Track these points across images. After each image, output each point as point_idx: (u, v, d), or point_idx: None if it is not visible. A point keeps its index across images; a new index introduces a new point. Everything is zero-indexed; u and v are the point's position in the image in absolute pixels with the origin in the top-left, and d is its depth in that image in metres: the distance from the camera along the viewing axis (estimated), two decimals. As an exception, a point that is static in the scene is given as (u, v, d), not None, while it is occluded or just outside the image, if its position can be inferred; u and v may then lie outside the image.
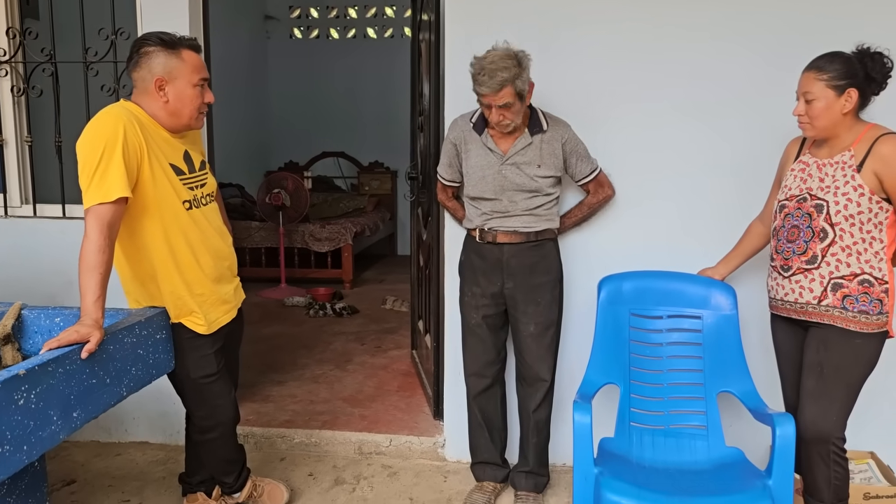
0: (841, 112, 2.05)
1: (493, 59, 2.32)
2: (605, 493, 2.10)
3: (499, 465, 2.77)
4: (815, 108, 2.07)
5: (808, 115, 2.09)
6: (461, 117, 2.64)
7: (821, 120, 2.07)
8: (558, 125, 2.55)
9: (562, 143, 2.53)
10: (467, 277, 2.69)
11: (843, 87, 2.03)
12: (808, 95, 2.07)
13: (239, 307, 2.41)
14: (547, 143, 2.52)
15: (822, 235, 2.09)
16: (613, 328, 2.57)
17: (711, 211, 2.77)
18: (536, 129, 2.51)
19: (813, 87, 2.06)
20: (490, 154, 2.53)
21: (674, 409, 2.49)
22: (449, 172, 2.70)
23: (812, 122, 2.10)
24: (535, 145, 2.51)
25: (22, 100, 3.17)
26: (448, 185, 2.75)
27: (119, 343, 1.96)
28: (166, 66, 2.08)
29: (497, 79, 2.29)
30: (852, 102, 2.04)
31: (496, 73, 2.29)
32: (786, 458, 2.07)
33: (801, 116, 2.12)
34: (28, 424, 1.64)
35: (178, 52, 2.10)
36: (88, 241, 1.91)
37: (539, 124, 2.51)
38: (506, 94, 2.33)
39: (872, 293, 2.07)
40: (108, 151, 1.94)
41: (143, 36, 2.14)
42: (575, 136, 2.56)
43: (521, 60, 2.35)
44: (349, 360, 4.20)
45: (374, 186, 8.04)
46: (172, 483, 2.81)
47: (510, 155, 2.51)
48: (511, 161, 2.51)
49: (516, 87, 2.33)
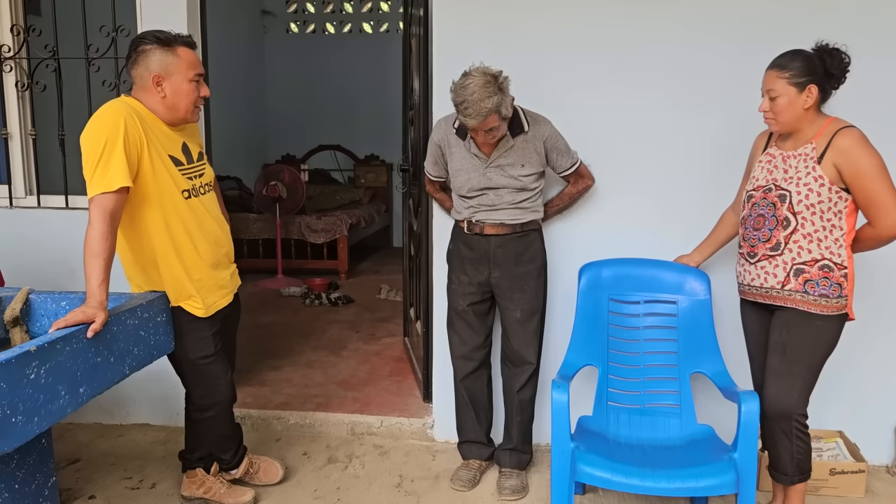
0: (802, 107, 2.17)
1: (474, 89, 2.34)
2: (581, 466, 2.23)
3: (484, 443, 2.90)
4: (778, 105, 2.18)
5: (772, 111, 2.21)
6: (444, 119, 2.73)
7: (784, 115, 2.19)
8: (538, 124, 2.63)
9: (543, 140, 2.62)
10: (455, 266, 2.81)
11: (803, 83, 2.15)
12: (771, 93, 2.19)
13: (235, 292, 2.53)
14: (529, 143, 2.61)
15: (785, 224, 2.21)
16: (593, 313, 2.69)
17: (690, 201, 2.88)
18: (518, 131, 2.59)
19: (775, 85, 2.17)
20: (474, 158, 2.63)
21: (649, 389, 2.61)
22: (435, 169, 2.82)
23: (776, 118, 2.21)
24: (518, 146, 2.60)
25: (26, 94, 3.28)
26: (435, 180, 2.87)
27: (122, 324, 2.08)
28: (163, 63, 2.20)
29: (482, 111, 2.35)
30: (813, 98, 2.16)
31: (480, 105, 2.34)
32: (750, 432, 2.19)
33: (765, 112, 2.24)
34: (38, 398, 1.76)
35: (173, 49, 2.22)
36: (92, 228, 2.03)
37: (520, 125, 2.59)
38: (491, 120, 2.41)
39: (832, 278, 2.19)
40: (109, 144, 2.06)
41: (141, 35, 2.26)
42: (555, 132, 2.66)
43: (502, 84, 2.38)
44: (343, 347, 4.33)
45: (369, 179, 8.15)
46: (173, 462, 2.93)
47: (494, 159, 2.60)
48: (495, 164, 2.61)
49: (500, 112, 2.40)
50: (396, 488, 2.79)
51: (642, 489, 2.18)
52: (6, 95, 3.26)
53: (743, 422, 2.21)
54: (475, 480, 2.81)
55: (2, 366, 1.65)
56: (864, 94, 2.58)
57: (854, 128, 2.16)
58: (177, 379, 2.52)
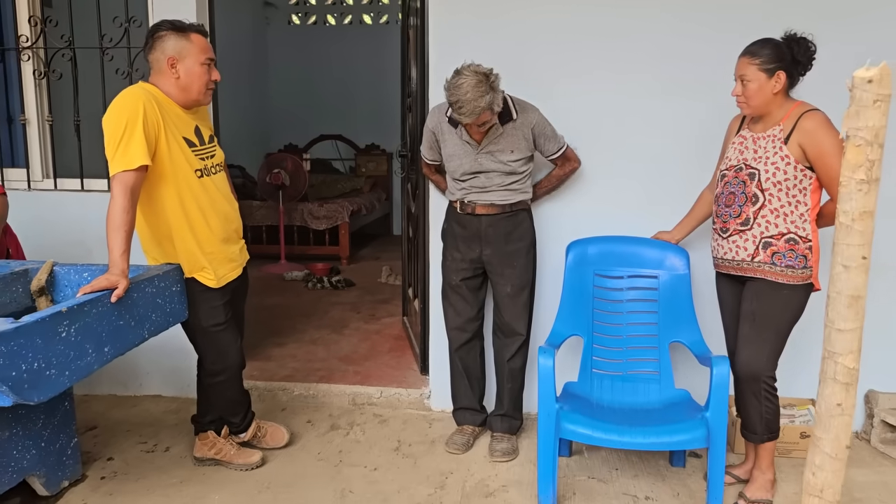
0: (771, 92, 2.34)
1: (467, 89, 2.50)
2: (565, 424, 2.41)
3: (477, 410, 3.08)
4: (749, 89, 2.35)
5: (743, 95, 2.38)
6: (437, 108, 2.89)
7: (754, 99, 2.36)
8: (526, 111, 2.79)
9: (531, 127, 2.78)
10: (449, 243, 2.99)
11: (772, 69, 2.32)
12: (743, 78, 2.36)
13: (244, 266, 2.71)
14: (517, 130, 2.77)
15: (754, 200, 2.39)
16: (579, 287, 2.87)
17: (674, 183, 3.02)
18: (507, 119, 2.75)
19: (747, 71, 2.34)
20: (465, 145, 2.80)
21: (631, 358, 2.79)
22: (430, 153, 2.99)
23: (747, 102, 2.38)
24: (507, 133, 2.77)
25: (43, 82, 3.45)
26: (430, 163, 3.05)
27: (141, 292, 2.26)
28: (177, 47, 2.38)
29: (475, 111, 2.53)
30: (781, 83, 2.33)
31: (473, 105, 2.51)
32: (721, 392, 2.36)
33: (738, 97, 2.41)
34: (69, 354, 1.95)
35: (187, 34, 2.40)
36: (115, 203, 2.21)
37: (509, 113, 2.75)
38: (483, 117, 2.59)
39: (798, 250, 2.36)
40: (130, 125, 2.24)
41: (157, 23, 2.44)
42: (542, 119, 2.82)
43: (493, 83, 2.55)
44: (345, 326, 4.51)
45: (370, 168, 8.31)
46: (185, 428, 3.12)
47: (484, 145, 2.77)
48: (486, 150, 2.78)
49: (492, 109, 2.59)
50: (395, 452, 2.97)
51: (620, 444, 2.36)
52: (24, 83, 3.43)
53: (714, 383, 2.38)
54: (469, 444, 2.99)
55: (37, 324, 1.83)
56: (831, 79, 2.73)
57: (818, 111, 2.33)
58: (187, 352, 2.69)
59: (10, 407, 2.19)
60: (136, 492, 2.64)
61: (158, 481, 2.72)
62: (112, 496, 2.61)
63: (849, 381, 1.04)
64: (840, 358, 1.04)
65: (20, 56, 3.40)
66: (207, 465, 2.80)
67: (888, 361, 3.03)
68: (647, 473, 2.78)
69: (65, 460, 2.62)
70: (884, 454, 2.95)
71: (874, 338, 2.92)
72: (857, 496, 2.61)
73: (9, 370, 1.75)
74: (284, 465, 2.84)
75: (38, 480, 2.51)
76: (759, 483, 2.55)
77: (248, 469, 2.77)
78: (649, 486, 2.69)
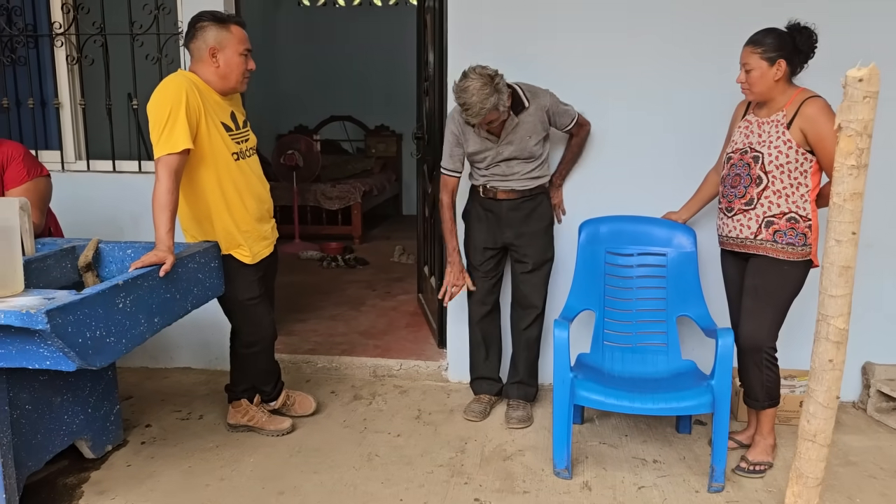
0: (773, 79, 2.47)
1: (473, 92, 2.66)
2: (579, 391, 2.58)
3: (494, 380, 3.25)
4: (752, 77, 2.49)
5: (747, 82, 2.52)
6: (456, 110, 2.92)
7: (757, 86, 2.50)
8: (538, 96, 2.92)
9: (545, 110, 2.93)
10: (472, 224, 3.14)
11: (774, 58, 2.45)
12: (746, 66, 2.50)
13: (274, 243, 2.87)
14: (532, 116, 2.91)
15: (758, 181, 2.53)
16: (591, 264, 3.02)
17: (681, 164, 3.16)
18: (520, 108, 2.89)
19: (750, 59, 2.48)
20: (486, 140, 2.95)
21: (640, 331, 2.95)
22: (451, 163, 3.02)
23: (751, 89, 2.52)
24: (522, 122, 2.91)
25: (75, 68, 3.59)
26: (451, 175, 3.02)
27: (185, 267, 2.43)
28: (217, 38, 2.52)
29: (481, 112, 2.69)
30: (782, 71, 2.46)
31: (479, 107, 2.67)
32: (726, 362, 2.52)
33: (742, 83, 2.55)
34: (125, 323, 2.11)
35: (227, 26, 2.54)
36: (160, 184, 2.36)
37: (521, 103, 2.89)
38: (490, 117, 2.75)
39: (798, 228, 2.51)
40: (174, 111, 2.38)
41: (198, 14, 2.58)
42: (555, 99, 2.96)
43: (498, 85, 2.69)
44: (362, 303, 4.68)
45: (380, 149, 8.43)
46: (216, 398, 3.30)
47: (504, 137, 2.92)
48: (506, 141, 2.93)
49: (498, 109, 2.74)
50: (416, 420, 3.15)
51: (631, 409, 2.53)
52: (58, 68, 3.58)
53: (719, 354, 2.54)
54: (486, 412, 3.17)
55: (99, 295, 2.00)
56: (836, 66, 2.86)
57: (819, 97, 2.46)
58: (216, 326, 2.85)
59: (61, 374, 2.39)
60: (176, 455, 2.82)
61: (195, 446, 2.90)
62: (154, 459, 2.79)
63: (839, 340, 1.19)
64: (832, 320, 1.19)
65: (53, 42, 3.54)
66: (241, 431, 2.98)
67: (885, 335, 3.19)
68: (654, 439, 2.95)
69: (108, 426, 2.80)
70: (879, 422, 3.12)
71: (871, 312, 3.10)
72: (853, 459, 2.78)
73: (76, 337, 1.91)
74: (313, 432, 3.02)
75: (86, 444, 2.69)
76: (760, 447, 2.72)
77: (279, 435, 2.95)
78: (657, 450, 2.86)
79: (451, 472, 2.69)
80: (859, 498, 2.53)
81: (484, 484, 2.61)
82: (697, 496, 2.53)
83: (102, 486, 2.59)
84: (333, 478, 2.65)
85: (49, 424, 2.47)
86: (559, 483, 2.62)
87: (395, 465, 2.75)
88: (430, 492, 2.56)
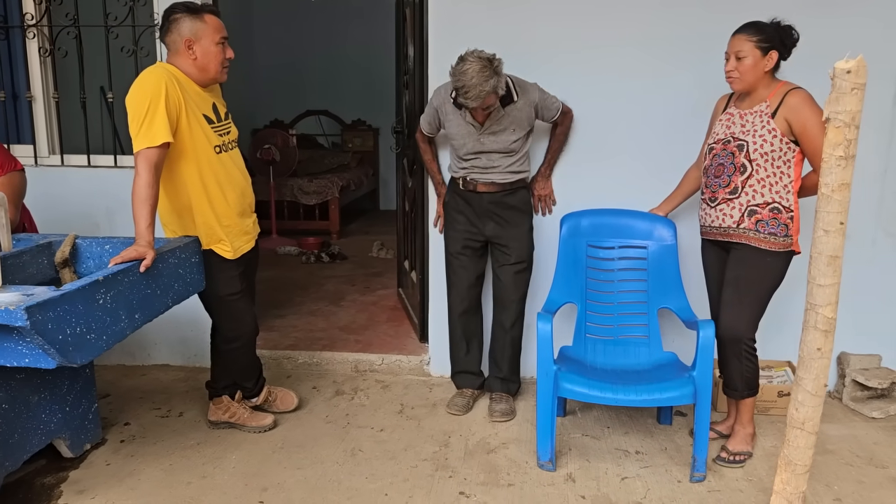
0: (763, 70, 2.49)
1: (472, 75, 2.62)
2: (562, 384, 2.59)
3: (476, 374, 3.26)
4: (744, 65, 2.49)
5: (737, 70, 2.52)
6: (444, 87, 2.99)
7: (748, 75, 2.51)
8: (527, 91, 2.92)
9: (534, 105, 2.93)
10: (452, 216, 3.13)
11: (767, 48, 2.47)
12: (739, 53, 2.49)
13: (255, 238, 2.84)
14: (519, 110, 2.91)
15: (742, 170, 2.55)
16: (573, 257, 3.04)
17: (662, 157, 3.18)
18: (508, 101, 2.88)
19: (744, 47, 2.48)
20: (469, 126, 2.93)
21: (622, 323, 2.98)
22: (428, 127, 3.13)
23: (741, 77, 2.51)
24: (508, 115, 2.90)
25: (48, 60, 3.52)
26: (426, 134, 3.19)
27: (165, 262, 2.39)
28: (192, 29, 2.49)
29: (481, 94, 2.66)
30: (773, 62, 2.49)
31: (479, 90, 2.64)
32: (706, 353, 2.55)
33: (731, 72, 2.53)
34: (106, 319, 2.08)
35: (201, 16, 2.51)
36: (139, 178, 2.32)
37: (510, 96, 2.88)
38: (488, 100, 2.73)
39: (780, 219, 2.54)
40: (153, 104, 2.35)
41: (171, 6, 2.54)
42: (542, 93, 2.96)
43: (497, 68, 2.67)
44: (342, 298, 4.65)
45: (357, 144, 8.39)
46: (196, 395, 3.26)
47: (487, 126, 2.90)
48: (488, 132, 2.91)
49: (497, 93, 2.73)
50: (399, 414, 3.14)
51: (614, 401, 2.55)
52: (30, 61, 3.50)
53: (700, 345, 2.57)
54: (469, 406, 3.17)
55: (79, 291, 1.96)
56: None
57: (802, 89, 2.50)
58: (194, 323, 2.81)
59: (38, 372, 2.34)
60: (157, 453, 2.78)
61: (176, 443, 2.86)
62: (133, 457, 2.76)
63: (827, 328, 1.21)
64: (820, 309, 1.20)
65: (25, 34, 3.46)
66: (222, 427, 2.95)
67: (859, 325, 3.25)
68: (636, 431, 2.98)
69: (87, 424, 2.76)
70: (854, 411, 3.18)
71: (846, 303, 3.14)
72: (829, 448, 2.83)
73: (56, 334, 1.87)
74: (295, 428, 3.00)
75: (64, 443, 2.65)
76: (739, 437, 2.76)
77: (261, 431, 2.93)
78: (639, 441, 2.89)
79: (436, 466, 2.69)
80: (837, 485, 2.57)
81: (468, 477, 2.62)
82: (680, 486, 2.56)
83: (81, 486, 2.55)
84: (317, 473, 2.64)
85: (26, 423, 2.43)
86: (543, 475, 2.63)
87: (379, 459, 2.74)
88: (414, 486, 2.56)
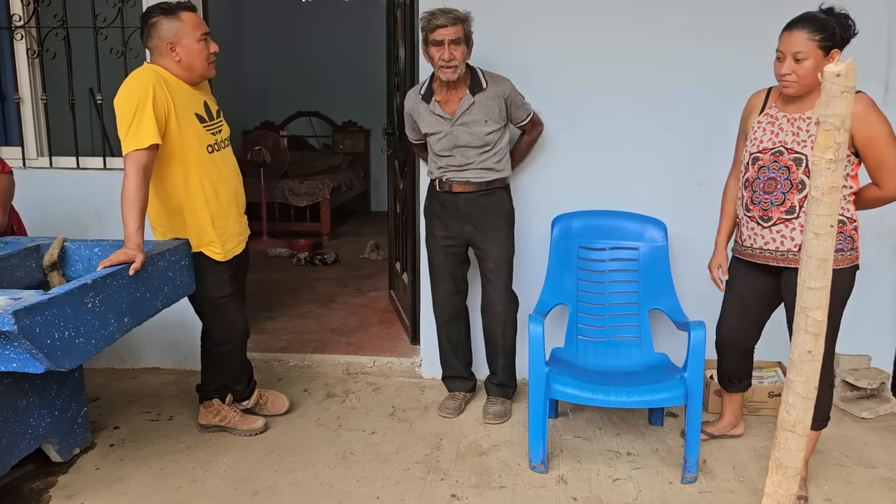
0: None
1: (444, 6, 2.78)
2: (554, 385, 2.59)
3: (466, 378, 3.25)
4: (804, 67, 2.17)
5: (795, 73, 2.19)
6: (413, 90, 3.02)
7: (808, 79, 2.18)
8: (498, 82, 2.90)
9: (504, 97, 2.90)
10: (431, 221, 3.12)
11: (829, 48, 2.17)
12: (799, 55, 2.16)
13: (246, 240, 2.83)
14: (490, 100, 2.88)
15: (800, 187, 2.27)
16: (564, 258, 3.04)
17: (653, 156, 3.19)
18: (477, 89, 2.87)
19: (805, 47, 2.15)
20: (440, 119, 2.92)
21: (613, 324, 2.98)
22: (413, 134, 3.12)
23: (799, 81, 2.19)
24: (479, 103, 2.88)
25: (36, 62, 3.49)
26: (416, 142, 3.17)
27: (155, 265, 2.38)
28: (171, 29, 2.48)
29: (452, 14, 2.74)
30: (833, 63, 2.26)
31: (451, 11, 2.74)
32: (698, 355, 2.55)
33: (787, 75, 2.21)
34: (94, 323, 2.06)
35: (177, 15, 2.50)
36: (128, 180, 2.31)
37: (479, 83, 2.88)
38: (458, 30, 2.74)
39: (846, 231, 2.29)
40: (140, 106, 2.33)
41: (147, 10, 2.54)
42: (514, 89, 2.93)
43: (468, 18, 2.79)
44: (333, 300, 4.64)
45: (347, 145, 8.37)
46: (186, 398, 3.25)
47: (457, 116, 2.89)
48: (460, 122, 2.89)
49: (465, 27, 2.77)
50: (390, 416, 3.13)
51: (606, 402, 2.55)
52: (18, 62, 3.47)
53: (692, 346, 2.57)
54: (460, 409, 3.16)
55: (68, 295, 1.95)
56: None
57: (864, 93, 2.19)
58: (184, 326, 2.79)
59: (26, 377, 2.32)
60: (147, 457, 2.77)
61: (166, 447, 2.84)
62: (123, 461, 2.74)
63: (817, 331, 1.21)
64: (811, 312, 1.21)
65: (13, 35, 3.43)
66: (212, 431, 2.94)
67: (848, 326, 3.24)
68: (628, 432, 2.98)
69: (76, 428, 2.74)
70: (844, 411, 3.19)
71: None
72: (819, 448, 2.83)
73: (44, 338, 1.86)
74: (286, 431, 2.99)
75: (53, 447, 2.63)
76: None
77: (252, 434, 2.91)
78: (630, 443, 2.89)
79: (428, 469, 2.69)
80: (827, 485, 2.58)
81: (460, 480, 2.61)
82: (671, 487, 2.56)
83: (70, 490, 2.53)
84: (308, 477, 2.63)
85: (14, 428, 2.40)
86: (535, 477, 2.63)
87: (371, 462, 2.73)
88: (406, 489, 2.55)
